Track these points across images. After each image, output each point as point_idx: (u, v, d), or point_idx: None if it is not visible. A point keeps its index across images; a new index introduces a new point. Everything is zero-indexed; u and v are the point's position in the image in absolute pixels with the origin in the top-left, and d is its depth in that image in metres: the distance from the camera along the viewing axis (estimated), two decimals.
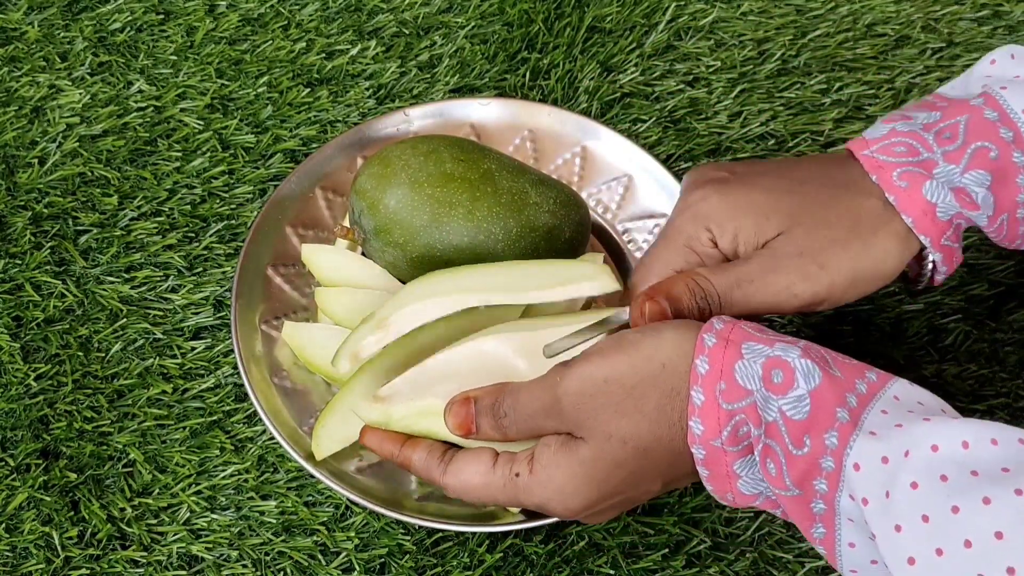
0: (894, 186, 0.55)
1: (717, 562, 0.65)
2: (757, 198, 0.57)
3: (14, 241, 0.77)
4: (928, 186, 0.55)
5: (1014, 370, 0.71)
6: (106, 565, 0.65)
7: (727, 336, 0.50)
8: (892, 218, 0.56)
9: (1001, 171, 0.55)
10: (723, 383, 0.49)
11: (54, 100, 0.84)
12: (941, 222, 0.55)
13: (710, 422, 0.50)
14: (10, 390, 0.71)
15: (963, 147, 0.54)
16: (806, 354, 0.49)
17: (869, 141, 0.57)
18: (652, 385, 0.51)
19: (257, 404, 0.66)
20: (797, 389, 0.48)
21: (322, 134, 0.82)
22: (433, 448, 0.59)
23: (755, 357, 0.49)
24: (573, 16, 0.88)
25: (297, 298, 0.73)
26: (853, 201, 0.56)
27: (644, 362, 0.51)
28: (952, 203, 0.55)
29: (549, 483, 0.53)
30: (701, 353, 0.50)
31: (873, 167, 0.56)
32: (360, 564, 0.65)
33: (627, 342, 0.52)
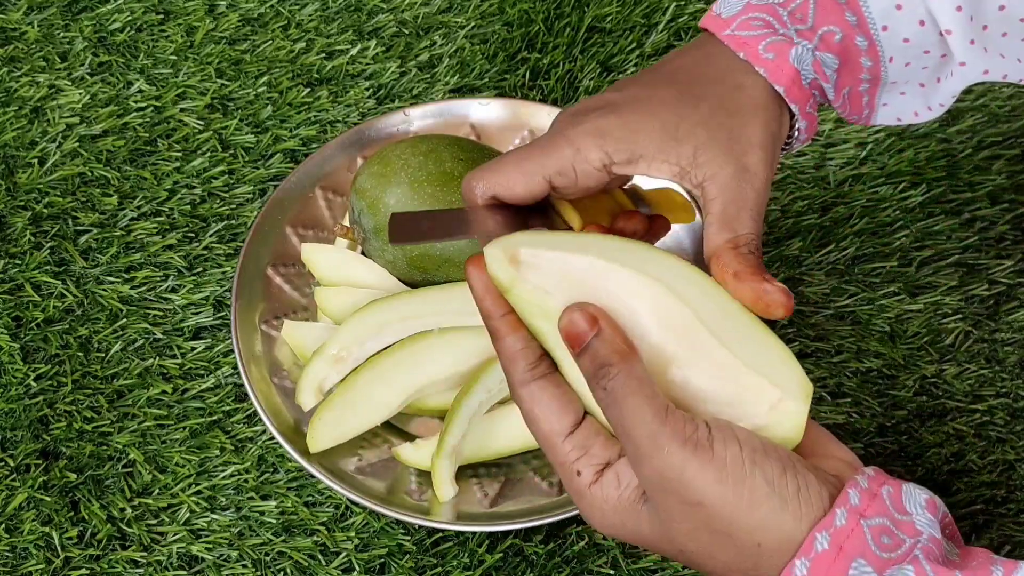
0: (762, 59, 0.55)
1: None
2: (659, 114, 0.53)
3: (14, 241, 0.77)
4: (793, 52, 0.54)
5: (1014, 370, 0.71)
6: (106, 565, 0.65)
7: (841, 543, 0.44)
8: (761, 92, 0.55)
9: (845, 54, 0.56)
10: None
11: (54, 100, 0.84)
12: (805, 89, 0.55)
13: None
14: (10, 390, 0.71)
15: (813, 29, 0.55)
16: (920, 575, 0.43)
17: (727, 20, 0.56)
18: (737, 547, 0.45)
19: (257, 404, 0.66)
20: None
21: (322, 134, 0.82)
22: (531, 345, 0.50)
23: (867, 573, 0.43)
24: (573, 16, 0.88)
25: (297, 298, 0.73)
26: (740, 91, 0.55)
27: (744, 529, 0.45)
28: (811, 70, 0.55)
29: (600, 512, 0.49)
30: (806, 555, 0.44)
31: (738, 44, 0.55)
32: (360, 564, 0.65)
33: (748, 491, 0.44)
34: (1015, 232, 0.77)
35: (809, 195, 0.79)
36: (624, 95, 0.55)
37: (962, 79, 0.57)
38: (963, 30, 0.55)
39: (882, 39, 0.56)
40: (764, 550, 0.45)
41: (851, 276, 0.75)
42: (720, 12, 0.57)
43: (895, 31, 0.56)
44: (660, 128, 0.53)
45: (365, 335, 0.66)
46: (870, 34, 0.56)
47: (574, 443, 0.49)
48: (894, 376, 0.71)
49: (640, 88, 0.55)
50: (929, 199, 0.78)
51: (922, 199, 0.78)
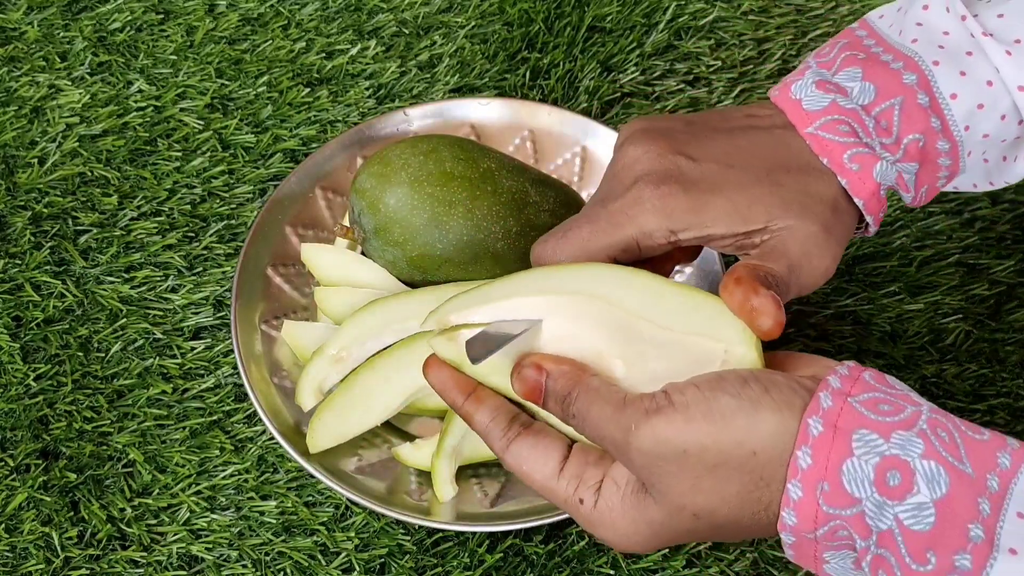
0: (847, 170, 0.55)
1: (717, 562, 0.65)
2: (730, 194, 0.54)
3: (14, 241, 0.77)
4: (878, 168, 0.54)
5: (1014, 370, 0.71)
6: (106, 565, 0.65)
7: (835, 422, 0.44)
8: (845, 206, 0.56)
9: (925, 157, 0.56)
10: (827, 483, 0.44)
11: (54, 100, 0.84)
12: (882, 200, 0.56)
13: (806, 518, 0.44)
14: (10, 390, 0.71)
15: (897, 142, 0.55)
16: (930, 451, 0.43)
17: (809, 114, 0.56)
18: (738, 470, 0.45)
19: (257, 404, 0.66)
20: (918, 494, 0.42)
21: (322, 134, 0.82)
22: (500, 412, 0.53)
23: (868, 455, 0.43)
24: (573, 16, 0.88)
25: (297, 298, 0.73)
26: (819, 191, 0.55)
27: (734, 445, 0.45)
28: (892, 181, 0.56)
29: (612, 527, 0.50)
30: (804, 443, 0.44)
31: (821, 148, 0.55)
32: (360, 564, 0.65)
33: (718, 413, 0.45)
34: (1016, 232, 0.77)
35: None
36: (695, 169, 0.54)
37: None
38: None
39: (964, 139, 0.56)
40: (761, 457, 0.45)
41: (852, 276, 0.75)
42: (800, 98, 0.56)
43: (976, 129, 0.56)
44: (731, 210, 0.53)
45: (365, 335, 0.66)
46: (952, 137, 0.56)
47: (567, 478, 0.51)
48: (895, 376, 0.71)
49: (712, 163, 0.55)
50: None
51: None
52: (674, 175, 0.54)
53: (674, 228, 0.53)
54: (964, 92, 0.55)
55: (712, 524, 0.47)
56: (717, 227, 0.53)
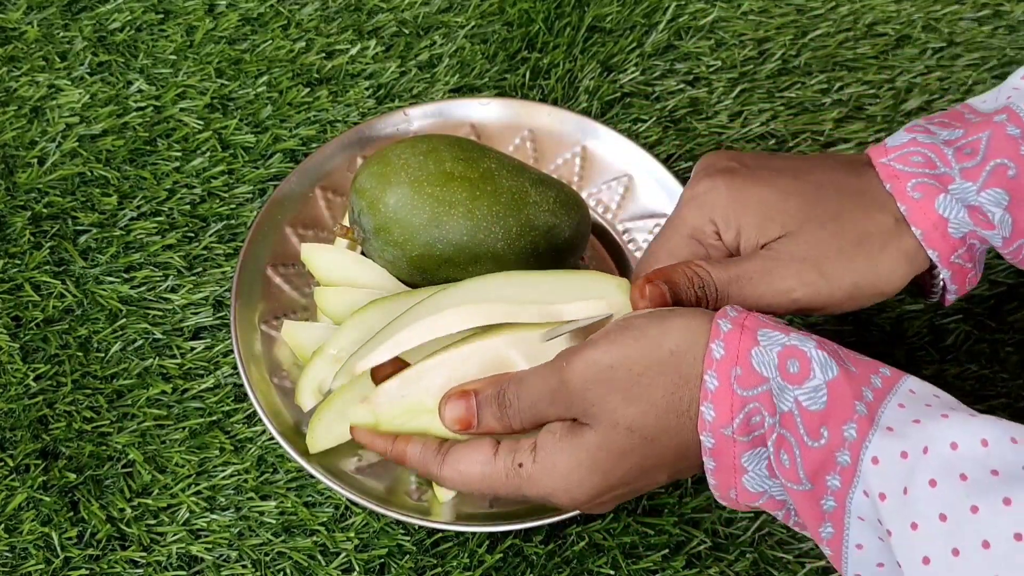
0: (907, 196, 0.55)
1: (717, 562, 0.65)
2: (765, 195, 0.56)
3: (13, 241, 0.77)
4: (941, 200, 0.54)
5: (1015, 370, 0.71)
6: (105, 565, 0.65)
7: (742, 323, 0.50)
8: (902, 235, 0.55)
9: (1020, 191, 0.54)
10: (739, 368, 0.48)
11: (53, 100, 0.84)
12: (952, 239, 0.55)
13: (722, 408, 0.49)
14: (9, 390, 0.71)
15: (982, 164, 0.54)
16: (821, 346, 0.48)
17: (889, 149, 0.57)
18: (660, 372, 0.50)
19: (257, 404, 0.66)
20: (814, 379, 0.47)
21: (322, 134, 0.82)
22: (428, 441, 0.58)
23: (771, 345, 0.48)
24: (573, 16, 0.88)
25: (297, 298, 0.73)
26: (865, 213, 0.55)
27: (652, 348, 0.50)
28: (966, 220, 0.54)
29: (554, 471, 0.52)
30: (717, 337, 0.49)
31: (888, 176, 0.56)
32: (360, 564, 0.65)
33: (633, 326, 0.51)
34: None
35: None
36: (748, 170, 0.58)
37: None
38: None
39: None
40: (677, 355, 0.50)
41: None
42: (887, 142, 0.57)
43: None
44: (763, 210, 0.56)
45: (365, 335, 0.66)
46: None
47: (503, 453, 0.54)
48: None
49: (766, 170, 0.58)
50: None
51: None
52: (724, 171, 0.57)
53: (714, 219, 0.57)
54: None
55: (646, 437, 0.51)
56: (745, 224, 0.56)
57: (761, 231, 0.56)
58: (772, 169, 0.58)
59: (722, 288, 0.55)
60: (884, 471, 0.45)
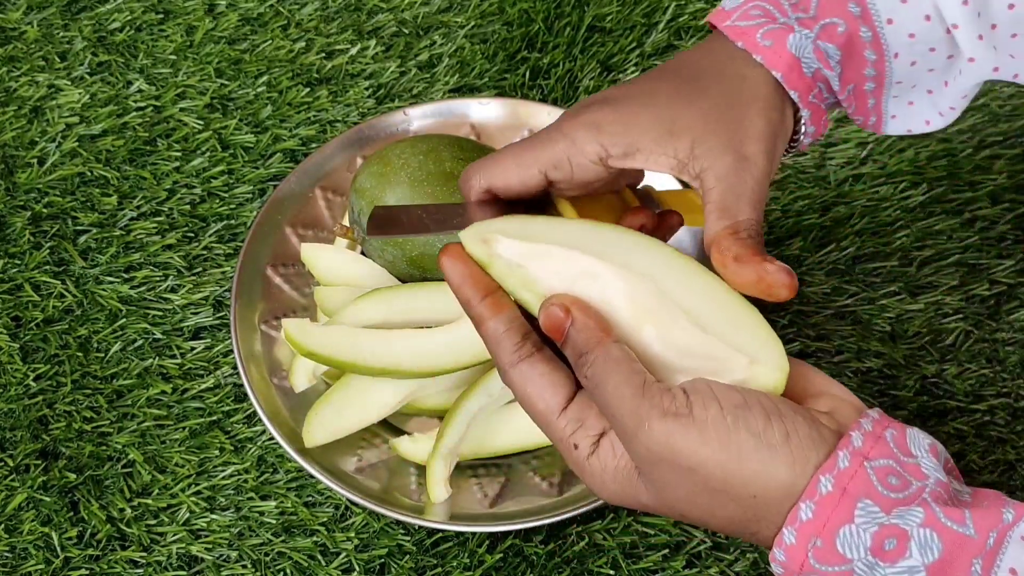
0: (759, 46, 0.54)
1: (717, 562, 0.65)
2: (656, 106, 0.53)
3: (13, 241, 0.77)
4: (791, 39, 0.54)
5: (1014, 370, 0.71)
6: (105, 565, 0.65)
7: (845, 484, 0.44)
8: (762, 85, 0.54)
9: (848, 46, 0.55)
10: (820, 540, 0.44)
11: (53, 100, 0.84)
12: (807, 78, 0.55)
13: (793, 562, 0.45)
14: (9, 390, 0.71)
15: (815, 19, 0.55)
16: (929, 519, 0.43)
17: (728, 11, 0.56)
18: (735, 502, 0.46)
19: (256, 404, 0.66)
20: (910, 559, 0.43)
21: (321, 134, 0.82)
22: (515, 325, 0.50)
23: (868, 524, 0.44)
24: (573, 15, 0.88)
25: (297, 298, 0.73)
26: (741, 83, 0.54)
27: (739, 483, 0.45)
28: (813, 57, 0.54)
29: (601, 484, 0.49)
30: (811, 498, 0.44)
31: (736, 34, 0.55)
32: (360, 564, 0.65)
33: (735, 447, 0.45)
34: (1016, 232, 0.77)
35: (809, 195, 0.79)
36: (623, 90, 0.55)
37: (972, 76, 0.56)
38: (971, 25, 0.54)
39: (887, 33, 0.55)
40: (761, 501, 0.45)
41: (852, 276, 0.75)
42: (724, 5, 0.57)
43: (900, 25, 0.55)
44: (656, 121, 0.53)
45: (363, 324, 0.66)
46: (874, 26, 0.55)
47: (568, 418, 0.49)
48: (895, 376, 0.71)
49: (639, 84, 0.55)
50: (930, 199, 0.78)
51: (923, 199, 0.78)
52: (603, 98, 0.54)
53: (603, 143, 0.53)
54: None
55: (697, 523, 0.48)
56: (644, 140, 0.53)
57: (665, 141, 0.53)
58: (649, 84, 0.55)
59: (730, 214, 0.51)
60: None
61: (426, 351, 0.64)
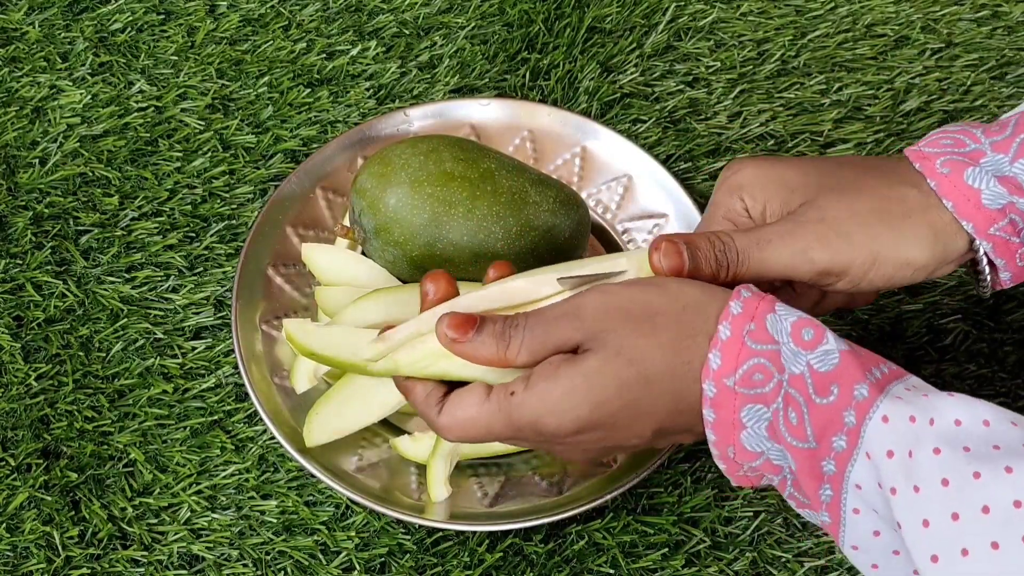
0: (936, 172, 0.55)
1: (716, 561, 0.65)
2: (789, 171, 0.58)
3: (15, 241, 0.77)
4: (970, 172, 0.54)
5: (1013, 370, 0.72)
6: (107, 565, 0.65)
7: (762, 295, 0.51)
8: (930, 207, 0.55)
9: None
10: (753, 324, 0.50)
11: (55, 100, 0.84)
12: (988, 210, 0.54)
13: (729, 357, 0.50)
14: (11, 390, 0.71)
15: (1012, 137, 0.54)
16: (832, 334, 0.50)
17: (919, 142, 0.58)
18: (674, 320, 0.51)
19: (257, 404, 0.66)
20: (827, 344, 0.48)
21: (322, 134, 0.82)
22: (436, 388, 0.55)
23: (787, 315, 0.50)
24: (573, 16, 0.88)
25: (297, 298, 0.73)
26: (888, 186, 0.56)
27: (669, 299, 0.52)
28: (1000, 190, 0.54)
29: (546, 395, 0.51)
30: (736, 298, 0.51)
31: (918, 158, 0.56)
32: (360, 563, 0.65)
33: (653, 281, 0.53)
34: None
35: None
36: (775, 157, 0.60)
37: None
38: None
39: None
40: (689, 312, 0.51)
41: None
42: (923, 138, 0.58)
43: None
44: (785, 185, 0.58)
45: (363, 325, 0.66)
46: None
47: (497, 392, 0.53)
48: None
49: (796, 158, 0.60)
50: None
51: None
52: (751, 158, 0.60)
53: (742, 196, 0.58)
54: None
55: (644, 374, 0.51)
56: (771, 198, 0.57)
57: (785, 203, 0.57)
58: (798, 158, 0.60)
59: (743, 250, 0.55)
60: (892, 430, 0.46)
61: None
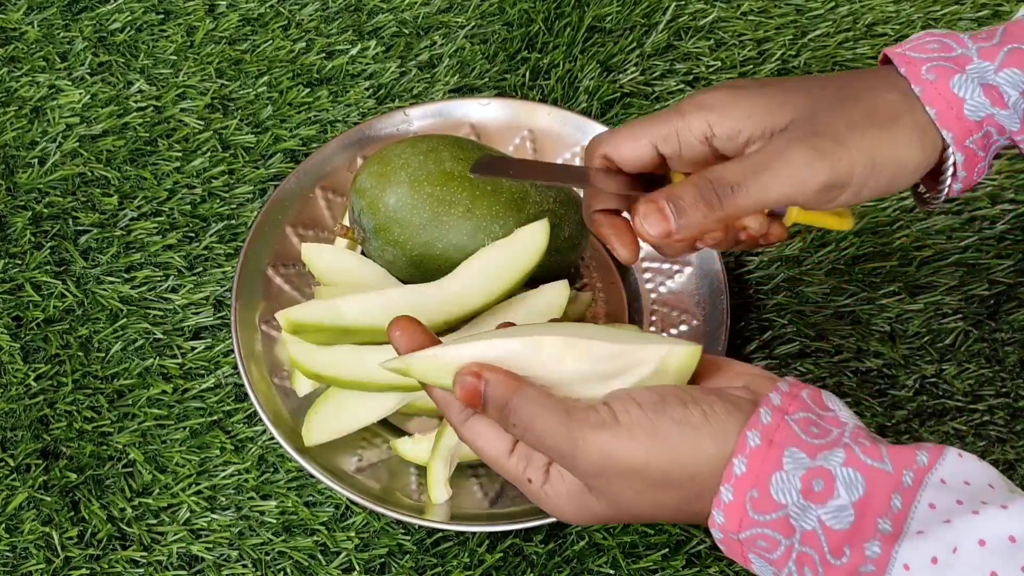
0: (921, 78, 0.53)
1: (717, 562, 0.65)
2: (768, 94, 0.54)
3: (14, 241, 0.77)
4: (957, 79, 0.53)
5: (1014, 370, 0.71)
6: (106, 565, 0.65)
7: (771, 437, 0.47)
8: (914, 108, 0.54)
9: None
10: (755, 491, 0.47)
11: (54, 100, 0.84)
12: (968, 120, 0.53)
13: (732, 519, 0.47)
14: (10, 390, 0.71)
15: (1000, 45, 0.53)
16: (851, 460, 0.46)
17: (903, 43, 0.56)
18: (677, 487, 0.48)
19: (257, 404, 0.66)
20: (838, 499, 0.45)
21: (322, 134, 0.82)
22: None
23: (796, 469, 0.46)
24: (573, 16, 0.88)
25: (297, 298, 0.73)
26: (874, 92, 0.54)
27: (676, 468, 0.48)
28: (982, 101, 0.53)
29: (560, 509, 0.51)
30: (741, 452, 0.47)
31: (903, 62, 0.54)
32: (360, 564, 0.65)
33: (662, 436, 0.48)
34: (1016, 232, 0.77)
35: None
36: (751, 80, 0.56)
37: None
38: None
39: None
40: (699, 479, 0.48)
41: (851, 276, 0.75)
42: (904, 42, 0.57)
43: None
44: (764, 105, 0.53)
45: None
46: None
47: (517, 458, 0.52)
48: (894, 376, 0.71)
49: (773, 79, 0.56)
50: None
51: None
52: (730, 84, 0.56)
53: (711, 122, 0.54)
54: None
55: (648, 519, 0.51)
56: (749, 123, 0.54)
57: (765, 125, 0.54)
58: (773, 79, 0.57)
59: (736, 181, 0.52)
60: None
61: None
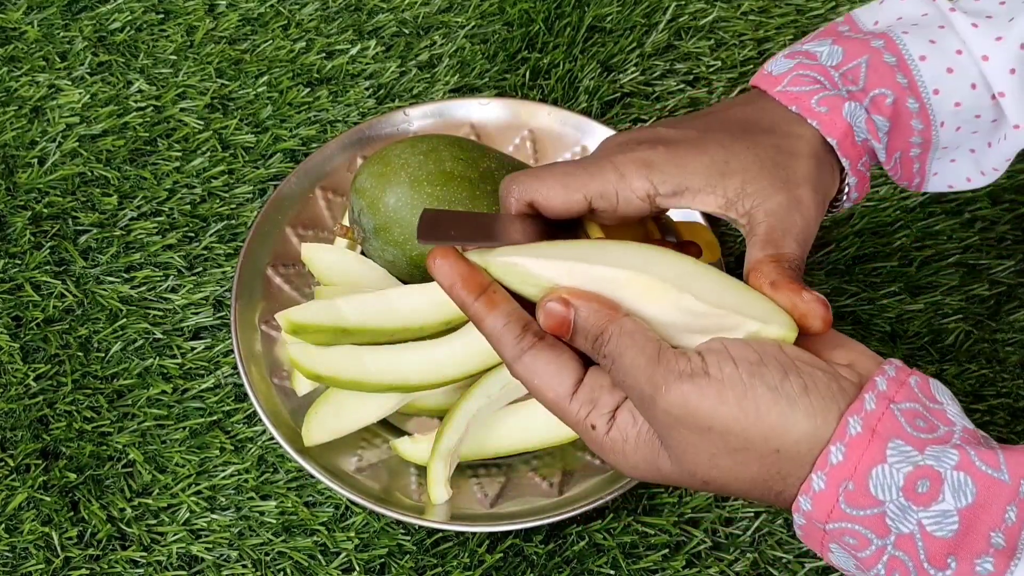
0: (815, 111, 0.55)
1: (717, 562, 0.65)
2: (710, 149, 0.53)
3: (14, 241, 0.77)
4: (847, 107, 0.54)
5: (1014, 370, 0.71)
6: (106, 565, 0.65)
7: (874, 425, 0.44)
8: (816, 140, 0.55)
9: (896, 117, 0.56)
10: (851, 483, 0.43)
11: (54, 100, 0.84)
12: (858, 146, 0.55)
13: (821, 509, 0.44)
14: (10, 390, 0.71)
15: (864, 91, 0.55)
16: (964, 463, 0.43)
17: (776, 77, 0.57)
18: (758, 460, 0.45)
19: (257, 404, 0.66)
20: (943, 503, 0.42)
21: (322, 134, 0.82)
22: (513, 319, 0.50)
23: (901, 464, 0.43)
24: (573, 16, 0.88)
25: (297, 298, 0.73)
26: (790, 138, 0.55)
27: (760, 439, 0.45)
28: (864, 128, 0.55)
29: (623, 457, 0.48)
30: (840, 440, 0.44)
31: (789, 99, 0.56)
32: (360, 564, 0.65)
33: (752, 402, 0.44)
34: (1016, 232, 0.77)
35: None
36: (674, 132, 0.55)
37: (1016, 142, 0.57)
38: (1018, 93, 0.55)
39: (933, 103, 0.56)
40: (783, 455, 0.45)
41: (852, 276, 0.75)
42: (771, 71, 0.57)
43: (946, 95, 0.56)
44: (709, 163, 0.53)
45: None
46: (921, 97, 0.56)
47: (580, 401, 0.49)
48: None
49: (691, 129, 0.55)
50: (929, 199, 0.78)
51: (922, 199, 0.78)
52: (655, 137, 0.54)
53: (654, 181, 0.53)
54: (932, 56, 0.56)
55: (720, 489, 0.48)
56: (695, 179, 0.53)
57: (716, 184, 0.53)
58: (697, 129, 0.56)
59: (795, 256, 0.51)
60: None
61: (432, 364, 0.64)
